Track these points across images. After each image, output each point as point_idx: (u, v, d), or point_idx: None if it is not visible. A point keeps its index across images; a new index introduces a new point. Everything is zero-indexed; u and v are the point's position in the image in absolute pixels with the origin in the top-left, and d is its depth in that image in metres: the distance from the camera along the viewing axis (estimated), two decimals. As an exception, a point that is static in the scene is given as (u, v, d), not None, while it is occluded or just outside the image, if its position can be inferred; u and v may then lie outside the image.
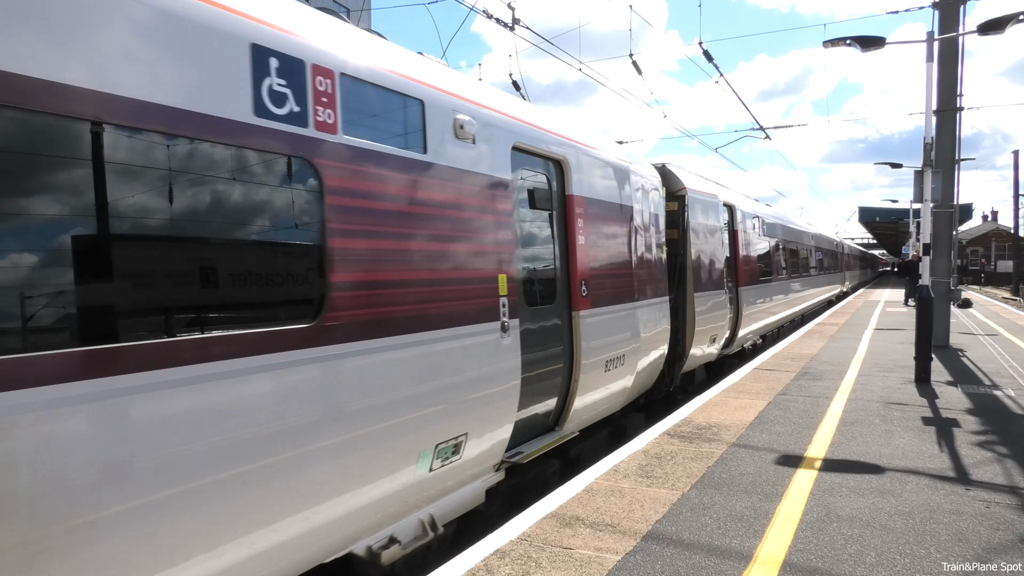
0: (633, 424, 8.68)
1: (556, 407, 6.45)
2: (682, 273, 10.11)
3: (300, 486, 3.57)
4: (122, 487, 2.78)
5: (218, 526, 3.18)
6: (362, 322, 3.97)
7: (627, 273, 7.73)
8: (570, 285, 6.49)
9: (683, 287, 10.11)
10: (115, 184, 2.88)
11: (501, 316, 5.27)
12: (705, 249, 10.88)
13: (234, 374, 3.25)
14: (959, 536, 4.51)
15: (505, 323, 5.31)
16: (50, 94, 2.62)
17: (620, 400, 7.78)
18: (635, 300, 7.83)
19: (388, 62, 4.48)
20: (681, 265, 10.11)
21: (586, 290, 6.65)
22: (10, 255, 2.58)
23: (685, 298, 10.10)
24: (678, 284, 10.02)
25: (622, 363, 7.45)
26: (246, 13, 3.48)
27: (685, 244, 10.20)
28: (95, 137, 2.80)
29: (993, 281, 65.68)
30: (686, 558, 4.17)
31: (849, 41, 11.11)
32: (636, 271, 7.96)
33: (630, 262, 7.83)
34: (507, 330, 5.34)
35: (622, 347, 7.41)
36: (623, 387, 7.63)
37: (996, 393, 9.23)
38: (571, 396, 6.50)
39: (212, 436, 3.11)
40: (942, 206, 13.45)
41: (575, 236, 6.53)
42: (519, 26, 10.31)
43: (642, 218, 8.35)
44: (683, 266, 10.13)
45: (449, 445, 4.72)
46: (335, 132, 3.86)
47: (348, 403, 3.90)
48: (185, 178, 3.16)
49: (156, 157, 3.04)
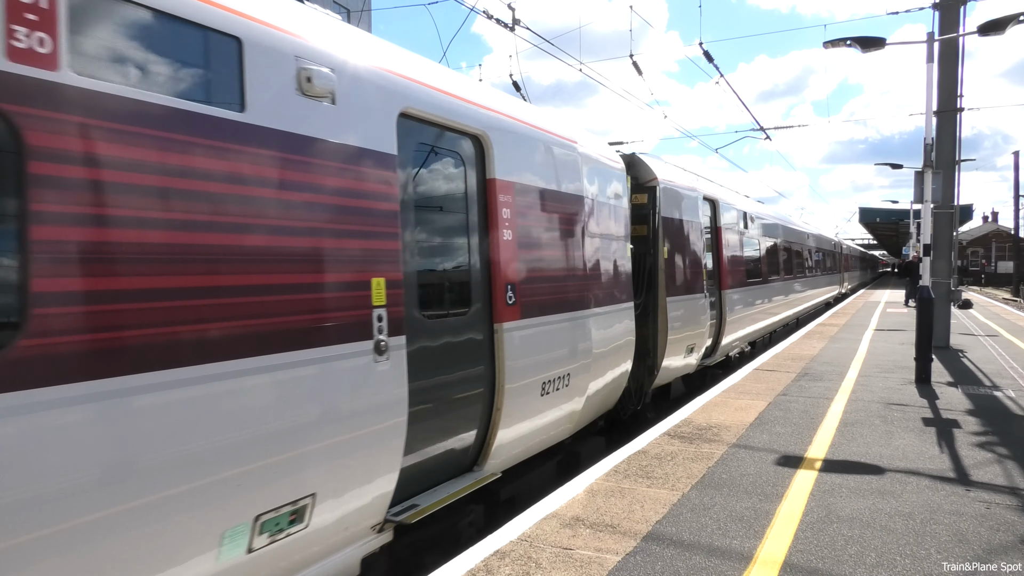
0: (590, 451, 7.60)
1: (475, 442, 5.25)
2: (653, 275, 9.00)
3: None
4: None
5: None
6: (90, 352, 2.69)
7: (574, 275, 6.47)
8: (491, 291, 5.28)
9: (654, 291, 9.00)
10: None
11: (375, 333, 4.02)
12: (681, 248, 9.73)
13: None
14: (959, 537, 4.51)
15: (382, 342, 4.06)
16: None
17: (566, 428, 6.52)
18: (586, 307, 6.62)
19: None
20: (652, 266, 8.99)
21: (513, 297, 5.46)
22: None
23: (656, 303, 9.01)
24: (648, 288, 8.95)
25: (566, 384, 6.20)
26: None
27: (656, 242, 9.05)
28: None
29: (993, 282, 65.70)
30: (686, 559, 4.17)
31: (850, 42, 11.12)
32: (588, 273, 6.73)
33: (579, 262, 6.58)
34: (385, 351, 4.08)
35: (566, 365, 6.17)
36: (569, 412, 6.41)
37: (996, 394, 9.23)
38: (493, 428, 5.31)
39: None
40: (942, 207, 13.46)
41: (499, 230, 5.32)
42: (519, 27, 10.31)
43: (598, 210, 7.10)
44: (654, 267, 9.00)
45: (282, 513, 3.50)
46: (54, 66, 2.64)
47: (57, 480, 2.58)
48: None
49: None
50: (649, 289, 8.95)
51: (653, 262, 9.02)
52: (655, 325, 8.98)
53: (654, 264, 9.02)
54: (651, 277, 8.98)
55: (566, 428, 6.54)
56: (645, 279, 8.92)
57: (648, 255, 9.00)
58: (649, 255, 9.00)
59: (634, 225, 8.69)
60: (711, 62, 15.01)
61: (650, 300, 8.96)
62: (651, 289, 8.98)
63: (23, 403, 2.48)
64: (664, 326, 8.96)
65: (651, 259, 9.01)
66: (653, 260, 9.02)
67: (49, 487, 2.55)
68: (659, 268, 9.02)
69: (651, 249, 9.03)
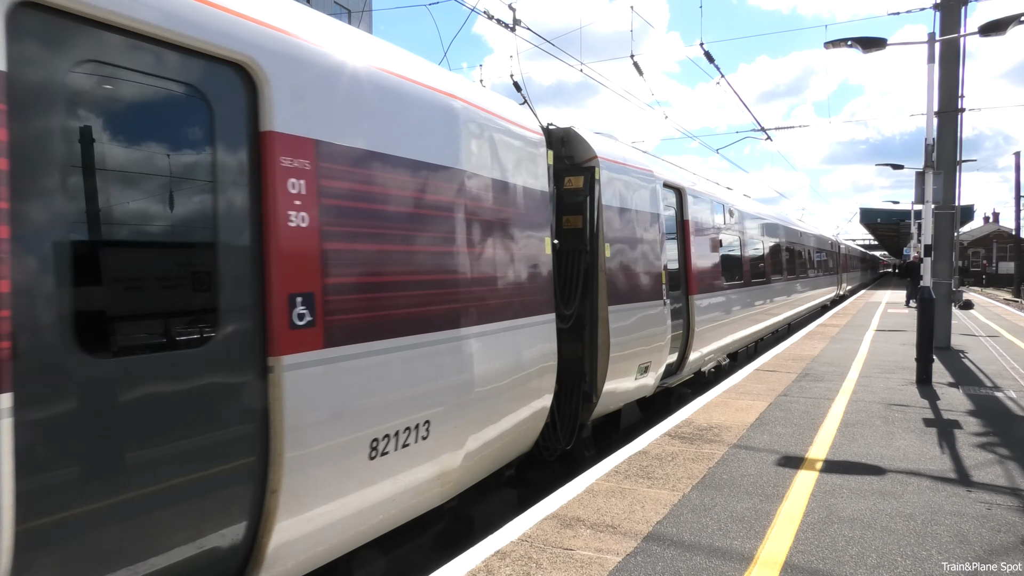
0: (487, 515, 5.90)
1: (243, 541, 3.39)
2: (590, 278, 7.04)
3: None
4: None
5: None
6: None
7: (440, 279, 4.60)
8: (265, 305, 3.39)
9: (592, 298, 7.06)
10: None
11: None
12: (630, 244, 7.85)
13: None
14: (960, 538, 4.50)
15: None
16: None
17: (429, 495, 4.62)
18: (463, 324, 4.76)
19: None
20: (589, 267, 7.04)
21: (309, 314, 3.57)
22: None
23: (595, 314, 7.09)
24: (583, 294, 6.98)
25: (424, 435, 4.37)
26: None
27: (595, 237, 7.10)
28: None
29: (994, 282, 65.68)
30: (687, 559, 4.16)
31: (851, 42, 11.12)
32: (469, 276, 4.87)
33: (449, 261, 4.69)
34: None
35: (421, 409, 4.34)
36: (435, 475, 4.56)
37: (997, 395, 9.22)
38: (267, 521, 3.42)
39: None
40: (943, 207, 13.46)
41: (279, 211, 3.46)
42: (520, 27, 10.32)
43: (491, 191, 5.25)
44: (592, 268, 7.06)
45: None
46: None
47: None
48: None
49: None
50: (585, 295, 7.01)
51: (591, 261, 7.06)
52: (593, 341, 7.06)
53: (592, 265, 7.07)
54: (588, 280, 7.02)
55: (431, 495, 4.64)
56: (578, 283, 6.96)
57: (584, 253, 7.03)
58: (586, 253, 7.03)
59: (568, 216, 7.06)
60: (712, 62, 15.02)
61: (586, 310, 7.04)
62: (588, 296, 7.04)
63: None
64: (605, 342, 7.09)
65: (588, 257, 7.04)
66: (591, 260, 7.07)
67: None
68: (599, 269, 7.11)
69: (588, 246, 7.04)
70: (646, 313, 8.08)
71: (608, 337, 7.12)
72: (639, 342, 7.85)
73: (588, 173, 7.14)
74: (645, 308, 8.06)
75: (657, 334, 8.39)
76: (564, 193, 7.08)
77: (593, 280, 7.10)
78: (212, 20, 3.24)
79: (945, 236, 14.04)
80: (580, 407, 6.98)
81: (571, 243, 7.00)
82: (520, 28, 10.32)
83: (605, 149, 7.62)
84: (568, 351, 6.75)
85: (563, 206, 7.05)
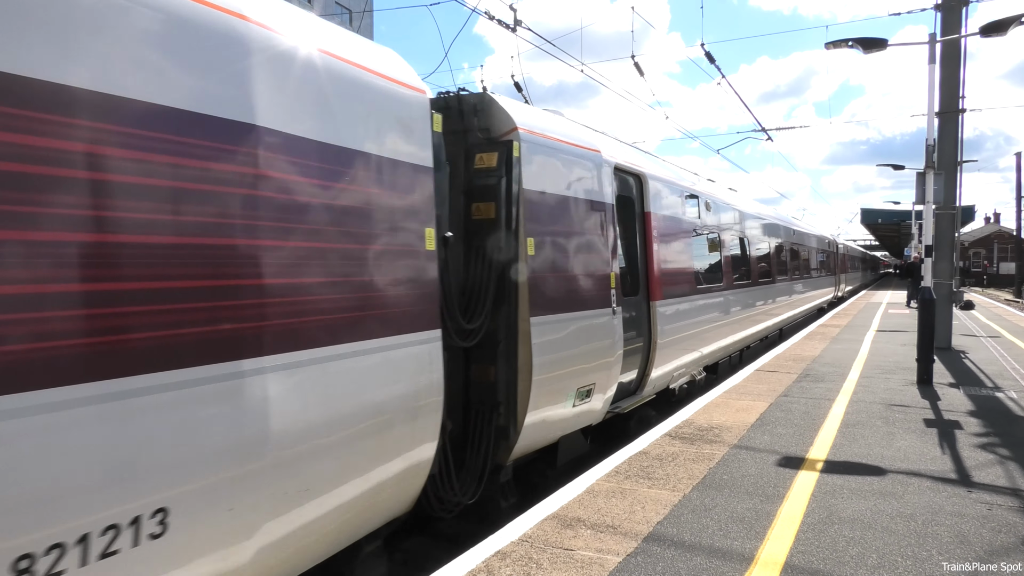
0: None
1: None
2: (505, 282, 5.65)
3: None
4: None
5: None
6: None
7: (192, 287, 3.01)
8: None
9: (507, 308, 5.66)
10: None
11: None
12: (563, 239, 6.35)
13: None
14: (961, 538, 4.50)
15: None
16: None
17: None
18: (245, 354, 3.18)
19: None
20: (504, 268, 5.64)
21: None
22: None
23: (514, 327, 5.67)
24: (496, 302, 5.60)
25: (164, 531, 2.82)
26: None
27: (514, 229, 5.68)
28: None
29: (995, 283, 65.66)
30: (687, 560, 4.16)
31: (851, 43, 11.12)
32: (263, 283, 3.30)
33: (214, 258, 3.09)
34: None
35: (152, 492, 2.77)
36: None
37: (998, 395, 9.22)
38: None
39: None
40: (944, 208, 13.45)
41: None
42: (521, 27, 10.32)
43: (310, 161, 3.65)
44: (508, 270, 5.65)
45: None
46: None
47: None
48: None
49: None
50: (499, 306, 5.65)
51: (507, 261, 5.66)
52: (511, 362, 5.68)
53: (508, 265, 5.67)
54: (502, 286, 5.66)
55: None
56: (489, 290, 5.55)
57: (498, 251, 5.64)
58: (499, 251, 5.64)
59: (479, 203, 5.75)
60: (713, 63, 15.02)
61: (500, 323, 5.67)
62: (502, 305, 5.67)
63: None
64: (527, 362, 5.66)
65: (505, 256, 5.65)
66: (507, 259, 5.66)
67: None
68: (519, 270, 5.69)
69: (503, 242, 5.65)
70: (586, 324, 6.59)
71: (530, 356, 5.68)
72: (576, 360, 6.41)
73: (504, 148, 5.72)
74: (585, 318, 6.56)
75: (602, 348, 6.87)
76: (474, 174, 5.76)
77: (510, 285, 5.70)
78: None
79: (946, 236, 14.04)
80: (491, 447, 5.61)
81: (481, 238, 5.65)
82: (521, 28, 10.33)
83: (529, 120, 6.12)
84: (477, 375, 5.68)
85: (472, 191, 5.74)
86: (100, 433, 2.61)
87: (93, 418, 2.58)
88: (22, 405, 2.37)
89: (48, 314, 2.48)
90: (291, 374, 3.43)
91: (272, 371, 3.32)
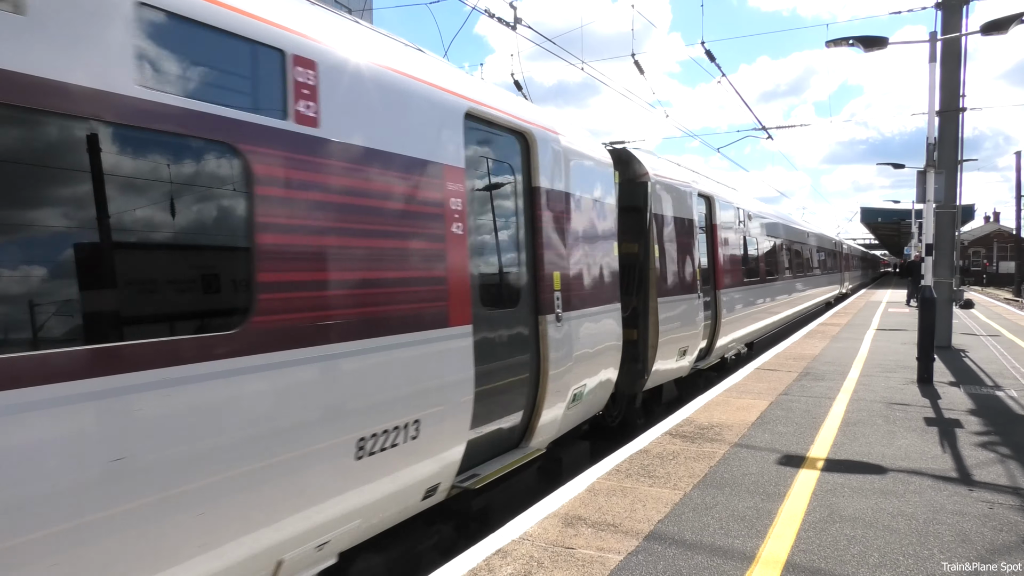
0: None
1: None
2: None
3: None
4: None
5: None
6: None
7: None
8: None
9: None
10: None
11: None
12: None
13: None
14: (962, 537, 4.50)
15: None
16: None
17: None
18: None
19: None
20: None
21: None
22: None
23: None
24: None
25: None
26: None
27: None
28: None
29: (995, 282, 65.67)
30: (688, 558, 4.16)
31: (852, 41, 11.11)
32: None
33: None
34: None
35: None
36: None
37: (999, 394, 9.22)
38: None
39: None
40: (944, 207, 13.45)
41: None
42: (521, 26, 10.31)
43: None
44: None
45: None
46: None
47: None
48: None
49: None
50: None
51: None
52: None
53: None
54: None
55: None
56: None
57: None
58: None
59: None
60: (713, 61, 15.00)
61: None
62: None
63: None
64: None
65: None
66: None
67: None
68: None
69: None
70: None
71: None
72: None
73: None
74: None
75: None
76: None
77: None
78: None
79: (946, 235, 14.03)
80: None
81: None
82: (521, 27, 10.31)
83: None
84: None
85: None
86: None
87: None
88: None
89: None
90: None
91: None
